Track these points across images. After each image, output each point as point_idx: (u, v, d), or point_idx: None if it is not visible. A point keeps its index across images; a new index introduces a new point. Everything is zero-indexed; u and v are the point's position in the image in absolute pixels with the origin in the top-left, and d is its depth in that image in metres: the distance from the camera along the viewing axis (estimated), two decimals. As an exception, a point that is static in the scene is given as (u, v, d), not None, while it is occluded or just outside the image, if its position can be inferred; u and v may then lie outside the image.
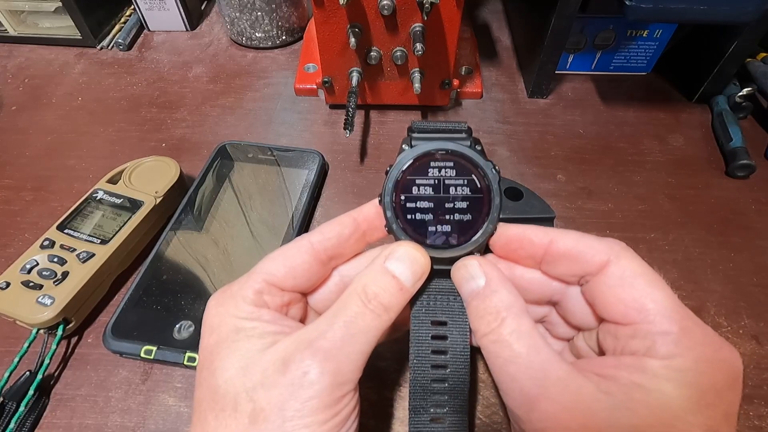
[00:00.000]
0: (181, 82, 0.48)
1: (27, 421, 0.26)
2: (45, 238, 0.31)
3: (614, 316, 0.18)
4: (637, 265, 0.18)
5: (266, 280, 0.20)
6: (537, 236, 0.20)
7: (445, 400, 0.20)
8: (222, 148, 0.38)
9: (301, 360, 0.17)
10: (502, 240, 0.21)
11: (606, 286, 0.18)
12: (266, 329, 0.19)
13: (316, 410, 0.17)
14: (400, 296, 0.19)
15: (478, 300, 0.19)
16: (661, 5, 0.32)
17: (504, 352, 0.18)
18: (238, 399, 0.17)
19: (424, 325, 0.21)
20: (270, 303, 0.20)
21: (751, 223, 0.36)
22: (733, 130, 0.39)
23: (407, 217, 0.20)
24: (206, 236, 0.33)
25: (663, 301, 0.17)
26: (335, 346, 0.18)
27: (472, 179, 0.20)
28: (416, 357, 0.21)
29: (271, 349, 0.18)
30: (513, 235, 0.21)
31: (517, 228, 0.21)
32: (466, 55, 0.47)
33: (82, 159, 0.40)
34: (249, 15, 0.48)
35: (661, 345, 0.16)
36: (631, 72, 0.48)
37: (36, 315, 0.27)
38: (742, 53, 0.40)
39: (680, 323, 0.17)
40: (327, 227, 0.21)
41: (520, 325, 0.18)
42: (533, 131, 0.42)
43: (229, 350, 0.18)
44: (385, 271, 0.19)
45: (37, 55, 0.51)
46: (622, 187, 0.38)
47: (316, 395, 0.17)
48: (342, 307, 0.19)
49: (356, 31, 0.36)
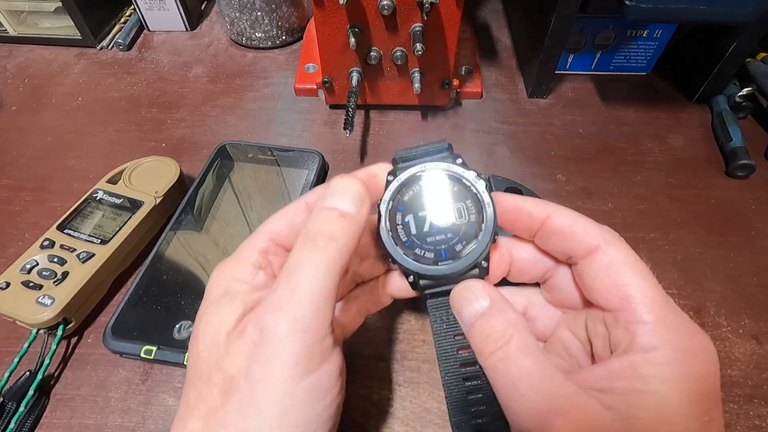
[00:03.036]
0: (181, 82, 0.48)
1: (27, 421, 0.26)
2: (45, 238, 0.31)
3: (598, 301, 0.19)
4: (625, 253, 0.19)
5: (271, 238, 0.20)
6: (535, 209, 0.20)
7: (483, 410, 0.20)
8: (222, 148, 0.38)
9: (256, 320, 0.17)
10: (500, 209, 0.21)
11: (593, 271, 0.19)
12: (253, 294, 0.19)
13: (283, 367, 0.16)
14: (343, 222, 0.19)
15: (483, 320, 0.19)
16: (661, 5, 0.32)
17: (512, 369, 0.17)
18: (210, 370, 0.17)
19: (447, 340, 0.21)
20: (275, 264, 0.20)
21: (751, 223, 0.36)
22: (733, 130, 0.39)
23: (407, 243, 0.20)
24: (206, 236, 0.33)
25: (645, 290, 0.18)
26: (288, 296, 0.17)
27: (461, 193, 0.21)
28: (447, 373, 0.20)
29: (251, 314, 0.18)
30: (511, 205, 0.21)
31: (516, 199, 0.21)
32: (466, 55, 0.47)
33: (82, 159, 0.40)
34: (249, 15, 0.48)
35: (641, 336, 0.17)
36: (631, 72, 0.48)
37: (36, 315, 0.27)
38: (742, 53, 0.40)
39: (657, 313, 0.17)
40: (321, 189, 0.21)
41: (527, 341, 0.18)
42: (533, 131, 0.42)
43: (210, 317, 0.18)
44: (321, 209, 0.19)
45: (37, 55, 0.51)
46: (622, 187, 0.38)
47: (281, 351, 0.16)
48: (291, 259, 0.18)
49: (356, 31, 0.36)
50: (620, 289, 0.18)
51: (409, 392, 0.27)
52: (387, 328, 0.30)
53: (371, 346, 0.29)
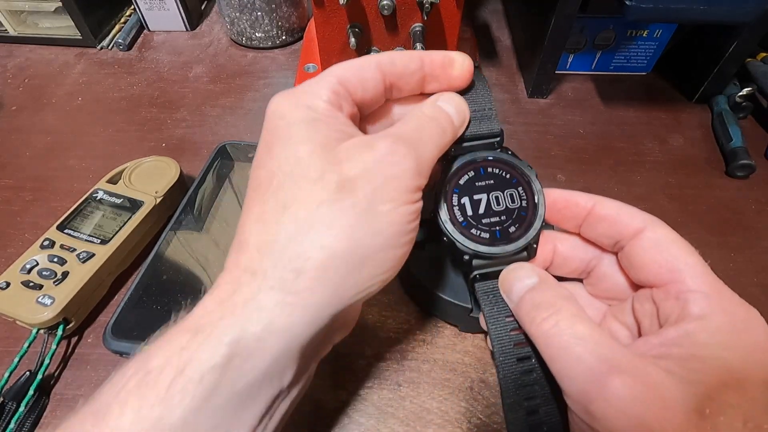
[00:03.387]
0: (181, 82, 0.48)
1: (27, 421, 0.26)
2: (45, 238, 0.31)
3: (648, 277, 0.19)
4: (670, 233, 0.19)
5: (341, 83, 0.19)
6: (583, 199, 0.22)
7: (536, 391, 0.21)
8: (222, 148, 0.38)
9: (387, 142, 0.18)
10: (551, 199, 0.22)
11: (641, 249, 0.19)
12: (344, 128, 0.19)
13: (400, 189, 0.18)
14: (449, 129, 0.21)
15: (533, 292, 0.20)
16: (661, 5, 0.32)
17: (567, 333, 0.17)
18: (324, 169, 0.17)
19: (500, 322, 0.21)
20: (345, 109, 0.19)
21: (751, 223, 0.36)
22: (733, 130, 0.39)
23: (463, 224, 0.22)
24: (206, 236, 0.33)
25: (694, 265, 0.18)
26: (415, 138, 0.19)
27: (514, 180, 0.23)
28: (501, 354, 0.21)
29: (352, 139, 0.18)
30: (560, 196, 0.22)
31: (566, 191, 0.22)
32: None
33: (82, 159, 0.40)
34: (249, 15, 0.48)
35: (693, 304, 0.17)
36: (631, 72, 0.48)
37: (36, 315, 0.27)
38: (742, 53, 0.40)
39: (710, 284, 0.18)
40: (396, 55, 0.21)
41: (579, 310, 0.18)
42: (533, 131, 0.42)
43: (307, 131, 0.18)
44: (436, 105, 0.21)
45: (37, 55, 0.51)
46: (622, 187, 0.38)
47: (402, 175, 0.18)
48: (413, 116, 0.20)
49: (356, 31, 0.36)
50: (670, 263, 0.18)
51: (409, 392, 0.27)
52: (387, 328, 0.30)
53: (371, 346, 0.29)
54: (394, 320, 0.30)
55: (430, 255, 0.29)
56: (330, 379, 0.28)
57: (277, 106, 0.19)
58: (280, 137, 0.18)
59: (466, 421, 0.26)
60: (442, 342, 0.29)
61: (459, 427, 0.26)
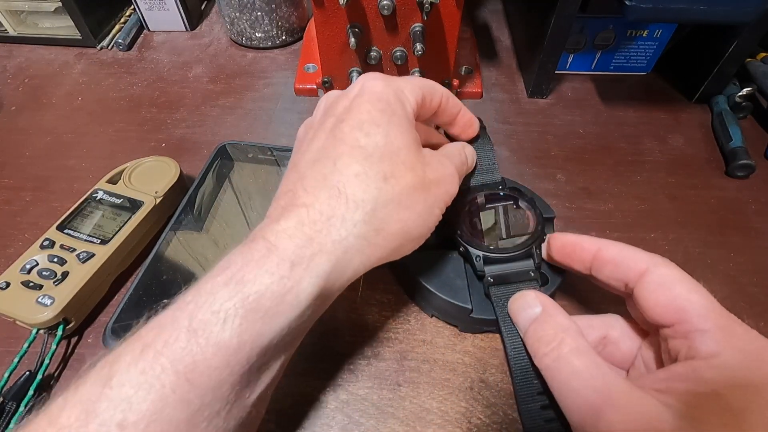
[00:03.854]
0: (181, 82, 0.48)
1: (27, 421, 0.26)
2: (45, 238, 0.31)
3: (655, 318, 0.20)
4: (674, 272, 0.20)
5: (423, 96, 0.24)
6: (587, 243, 0.24)
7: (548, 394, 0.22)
8: (222, 148, 0.38)
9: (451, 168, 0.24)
10: (559, 243, 0.25)
11: (646, 291, 0.20)
12: (419, 135, 0.23)
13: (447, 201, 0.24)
14: (467, 167, 0.28)
15: (536, 324, 0.22)
16: (661, 5, 0.32)
17: (565, 369, 0.19)
18: (415, 164, 0.22)
19: (510, 323, 0.24)
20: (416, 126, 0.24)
21: (751, 223, 0.36)
22: (733, 130, 0.39)
23: (476, 233, 0.28)
24: (206, 236, 0.33)
25: (699, 302, 0.18)
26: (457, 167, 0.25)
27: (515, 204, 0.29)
28: (512, 348, 0.23)
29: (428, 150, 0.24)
30: (568, 240, 0.25)
31: (571, 235, 0.25)
32: (466, 55, 0.47)
33: (82, 159, 0.40)
34: (249, 15, 0.48)
35: (700, 343, 0.17)
36: (631, 72, 0.48)
37: (36, 315, 0.27)
38: (742, 53, 0.40)
39: (716, 321, 0.18)
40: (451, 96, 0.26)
41: (578, 344, 0.19)
42: (533, 131, 0.42)
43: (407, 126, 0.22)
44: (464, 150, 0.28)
45: (37, 55, 0.51)
46: (622, 187, 0.38)
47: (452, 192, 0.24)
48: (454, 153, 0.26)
49: (356, 31, 0.36)
50: (674, 303, 0.19)
51: (409, 392, 0.27)
52: (387, 328, 0.30)
53: (371, 346, 0.29)
54: (394, 320, 0.30)
55: (431, 256, 0.29)
56: (330, 379, 0.28)
57: (383, 91, 0.22)
58: (386, 119, 0.21)
59: (466, 421, 0.26)
60: (442, 342, 0.29)
61: (459, 427, 0.26)
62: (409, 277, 0.29)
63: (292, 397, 0.27)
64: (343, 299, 0.31)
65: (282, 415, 0.27)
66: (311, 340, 0.29)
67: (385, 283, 0.32)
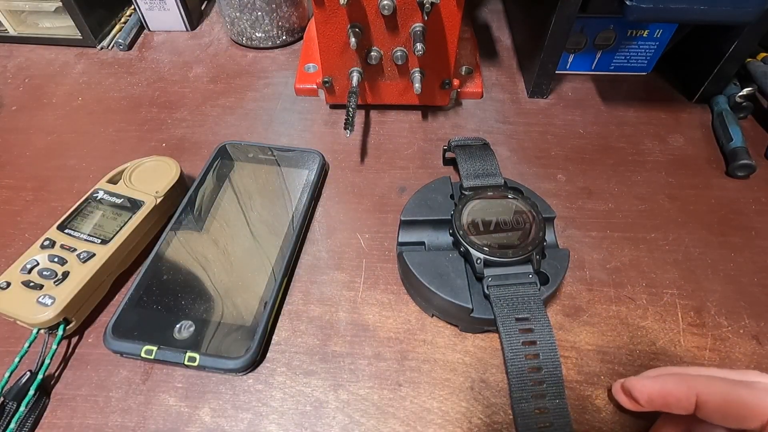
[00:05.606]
0: (181, 82, 0.48)
1: (27, 421, 0.26)
2: (45, 238, 0.31)
3: None
4: None
5: None
6: (680, 391, 0.19)
7: (544, 389, 0.22)
8: (222, 148, 0.38)
9: None
10: (645, 397, 0.21)
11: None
12: None
13: None
14: None
15: None
16: (661, 5, 0.32)
17: None
18: None
19: (509, 320, 0.25)
20: None
21: (751, 223, 0.36)
22: (733, 130, 0.39)
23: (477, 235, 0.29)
24: (206, 236, 0.33)
25: None
26: None
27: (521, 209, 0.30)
28: (509, 349, 0.24)
29: None
30: (656, 393, 0.20)
31: (656, 383, 0.20)
32: (466, 55, 0.47)
33: (82, 159, 0.40)
34: (249, 15, 0.48)
35: None
36: (632, 72, 0.48)
37: (36, 315, 0.27)
38: (742, 53, 0.40)
39: None
40: None
41: None
42: (533, 131, 0.42)
43: None
44: None
45: (37, 55, 0.51)
46: (623, 187, 0.38)
47: None
48: None
49: (356, 31, 0.36)
50: None
51: (409, 392, 0.27)
52: (387, 328, 0.30)
53: (371, 346, 0.29)
54: (394, 320, 0.30)
55: (431, 255, 0.29)
56: (330, 379, 0.28)
57: None
58: None
59: (467, 421, 0.26)
60: (442, 342, 0.29)
61: (459, 427, 0.26)
62: (410, 277, 0.29)
63: (292, 397, 0.27)
64: (344, 299, 0.31)
65: (282, 415, 0.27)
66: (311, 340, 0.30)
67: (385, 283, 0.32)
